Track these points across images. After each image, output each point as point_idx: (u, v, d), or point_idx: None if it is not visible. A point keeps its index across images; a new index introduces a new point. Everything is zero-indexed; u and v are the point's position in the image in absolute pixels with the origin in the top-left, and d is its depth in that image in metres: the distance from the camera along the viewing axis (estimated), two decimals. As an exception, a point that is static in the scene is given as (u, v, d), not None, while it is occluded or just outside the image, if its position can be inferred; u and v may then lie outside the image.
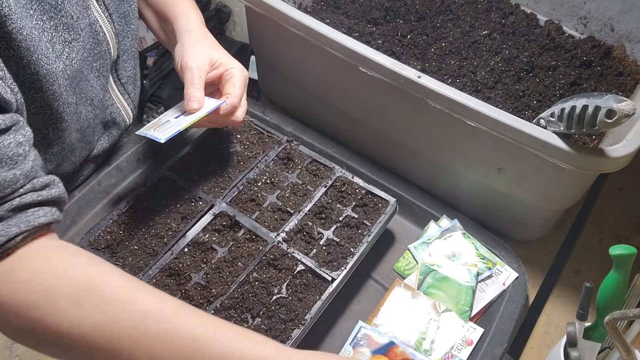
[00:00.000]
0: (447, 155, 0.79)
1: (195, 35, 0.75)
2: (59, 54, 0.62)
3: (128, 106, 0.84)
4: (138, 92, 0.88)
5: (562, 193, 0.74)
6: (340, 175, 0.80)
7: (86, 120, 0.73)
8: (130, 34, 0.78)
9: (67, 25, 0.63)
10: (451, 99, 0.68)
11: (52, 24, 0.61)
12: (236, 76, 0.73)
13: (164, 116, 0.73)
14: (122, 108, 0.83)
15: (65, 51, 0.63)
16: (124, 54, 0.78)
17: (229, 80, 0.73)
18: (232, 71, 0.73)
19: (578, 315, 0.63)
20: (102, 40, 0.71)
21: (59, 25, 0.62)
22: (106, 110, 0.79)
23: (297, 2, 1.02)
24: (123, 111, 0.83)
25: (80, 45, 0.66)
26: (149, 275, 0.69)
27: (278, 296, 0.68)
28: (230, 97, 0.71)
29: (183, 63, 0.71)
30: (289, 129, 0.92)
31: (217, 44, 0.77)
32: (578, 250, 0.85)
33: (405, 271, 0.78)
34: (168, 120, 0.71)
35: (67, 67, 0.64)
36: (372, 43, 0.93)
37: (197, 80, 0.70)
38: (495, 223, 0.83)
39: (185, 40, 0.74)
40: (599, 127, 0.59)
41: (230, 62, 0.74)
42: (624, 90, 0.87)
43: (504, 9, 1.00)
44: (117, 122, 0.83)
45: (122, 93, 0.82)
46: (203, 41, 0.75)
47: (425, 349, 0.69)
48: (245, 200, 0.78)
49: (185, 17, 0.78)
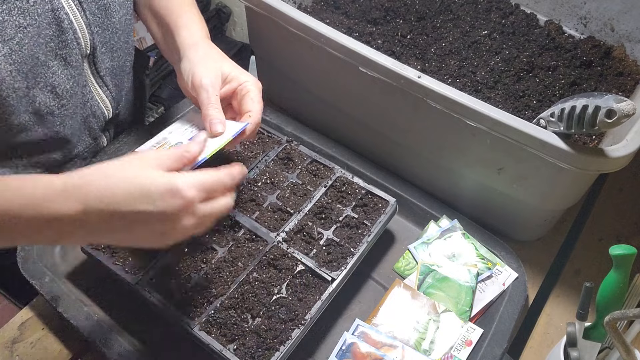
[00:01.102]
0: (447, 155, 0.79)
1: (202, 48, 0.72)
2: (9, 38, 0.61)
3: (107, 98, 0.82)
4: (126, 87, 0.87)
5: (562, 193, 0.74)
6: (340, 175, 0.80)
7: (46, 107, 0.71)
8: (110, 27, 0.76)
9: (23, 10, 0.62)
10: (451, 99, 0.68)
11: (5, 7, 0.60)
12: (252, 90, 0.68)
13: (169, 135, 0.69)
14: (101, 100, 0.81)
15: (17, 36, 0.62)
16: (103, 46, 0.77)
17: (246, 96, 0.68)
18: (247, 85, 0.69)
19: (578, 315, 0.63)
20: (66, 29, 0.69)
21: (13, 9, 0.61)
22: (86, 102, 0.78)
23: (297, 2, 1.02)
24: (102, 104, 0.82)
25: (35, 31, 0.64)
26: (149, 275, 0.69)
27: (278, 296, 0.68)
28: (253, 115, 0.67)
29: (195, 82, 0.67)
30: (289, 129, 0.92)
31: (225, 56, 0.73)
32: (578, 250, 0.85)
33: (405, 271, 0.78)
34: (180, 142, 0.67)
35: (13, 52, 0.63)
36: (372, 43, 0.93)
37: (215, 100, 0.66)
38: (495, 223, 0.83)
39: (191, 56, 0.70)
40: (599, 127, 0.59)
41: (242, 76, 0.70)
42: (624, 90, 0.87)
43: (504, 9, 1.00)
44: (97, 114, 0.81)
45: (100, 86, 0.80)
46: (211, 55, 0.71)
47: (425, 349, 0.69)
48: (245, 200, 0.78)
49: (188, 30, 0.74)
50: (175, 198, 0.51)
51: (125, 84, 0.87)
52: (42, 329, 0.74)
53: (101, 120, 0.84)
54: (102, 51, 0.77)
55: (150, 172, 0.52)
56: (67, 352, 0.73)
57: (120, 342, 0.69)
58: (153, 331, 0.71)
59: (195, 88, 0.67)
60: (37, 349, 0.72)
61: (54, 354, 0.72)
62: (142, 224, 0.52)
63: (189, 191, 0.52)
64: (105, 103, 0.83)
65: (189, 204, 0.52)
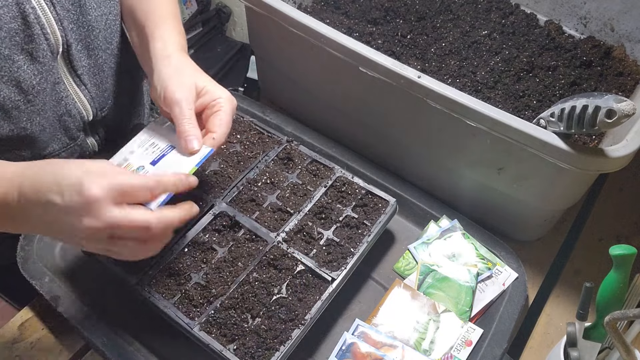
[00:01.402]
0: (447, 155, 0.79)
1: (175, 61, 0.69)
2: None
3: (84, 98, 0.80)
4: (110, 88, 0.85)
5: (562, 193, 0.74)
6: (340, 175, 0.80)
7: (11, 102, 0.70)
8: (85, 24, 0.74)
9: None
10: (451, 99, 0.68)
11: None
12: (224, 109, 0.66)
13: (130, 155, 0.66)
14: (78, 100, 0.79)
15: None
16: (79, 43, 0.75)
17: (215, 115, 0.65)
18: (220, 102, 0.66)
19: (578, 315, 0.63)
20: (32, 23, 0.67)
21: None
22: (60, 100, 0.76)
23: (297, 2, 1.02)
24: (79, 103, 0.80)
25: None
26: (149, 275, 0.69)
27: (278, 296, 0.68)
28: (216, 138, 0.64)
29: (168, 96, 0.65)
30: (289, 129, 0.92)
31: (199, 70, 0.70)
32: (578, 250, 0.85)
33: (405, 271, 0.78)
34: (142, 166, 0.64)
35: None
36: (372, 43, 0.93)
37: (189, 114, 0.64)
38: (495, 223, 0.83)
39: (162, 69, 0.68)
40: (599, 127, 0.59)
41: (217, 91, 0.67)
42: (624, 90, 0.87)
43: (504, 9, 1.00)
44: (72, 113, 0.79)
45: (77, 84, 0.78)
46: (184, 68, 0.69)
47: (425, 349, 0.69)
48: (245, 201, 0.77)
49: (162, 41, 0.71)
50: (81, 195, 0.51)
51: (107, 85, 0.84)
52: (42, 329, 0.74)
53: (78, 120, 0.81)
54: (78, 49, 0.75)
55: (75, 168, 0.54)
56: (67, 352, 0.73)
57: (120, 342, 0.69)
58: (153, 331, 0.71)
59: (168, 102, 0.65)
60: (37, 349, 0.72)
61: (54, 354, 0.72)
62: (53, 215, 0.53)
63: (93, 188, 0.51)
64: (83, 103, 0.80)
65: (92, 202, 0.52)
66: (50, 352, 0.72)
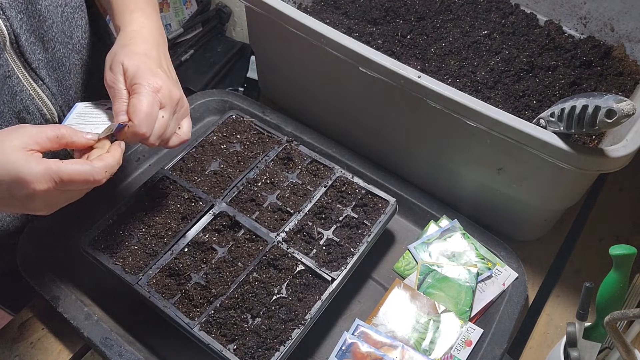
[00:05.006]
0: (447, 155, 0.79)
1: (134, 36, 0.69)
2: None
3: (44, 94, 0.77)
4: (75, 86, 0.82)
5: (562, 193, 0.74)
6: (340, 175, 0.80)
7: None
8: (36, 14, 0.71)
9: None
10: (451, 99, 0.68)
11: None
12: (144, 91, 0.64)
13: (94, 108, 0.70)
14: (36, 96, 0.76)
15: None
16: (30, 34, 0.71)
17: (133, 97, 0.64)
18: (138, 87, 0.64)
19: (578, 315, 0.63)
20: None
21: None
22: (14, 96, 0.73)
23: (297, 2, 1.02)
24: (37, 99, 0.76)
25: None
26: (148, 275, 0.69)
27: (278, 296, 0.68)
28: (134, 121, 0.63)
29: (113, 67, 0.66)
30: (289, 129, 0.92)
31: (147, 53, 0.69)
32: (578, 250, 0.85)
33: (405, 271, 0.78)
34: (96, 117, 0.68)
35: None
36: (372, 43, 0.93)
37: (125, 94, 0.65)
38: (495, 223, 0.83)
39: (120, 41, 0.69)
40: (599, 127, 0.59)
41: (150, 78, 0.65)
42: (624, 90, 0.87)
43: (504, 9, 1.00)
44: (30, 110, 0.76)
45: (34, 79, 0.74)
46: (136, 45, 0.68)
47: (425, 349, 0.69)
48: (245, 200, 0.78)
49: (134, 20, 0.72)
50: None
51: (71, 82, 0.81)
52: (42, 329, 0.74)
53: (39, 117, 0.77)
54: (30, 41, 0.72)
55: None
56: (67, 352, 0.73)
57: (120, 342, 0.69)
58: (153, 331, 0.71)
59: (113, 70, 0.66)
60: (37, 349, 0.72)
61: (54, 354, 0.72)
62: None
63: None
64: (42, 99, 0.77)
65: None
66: (50, 352, 0.72)
